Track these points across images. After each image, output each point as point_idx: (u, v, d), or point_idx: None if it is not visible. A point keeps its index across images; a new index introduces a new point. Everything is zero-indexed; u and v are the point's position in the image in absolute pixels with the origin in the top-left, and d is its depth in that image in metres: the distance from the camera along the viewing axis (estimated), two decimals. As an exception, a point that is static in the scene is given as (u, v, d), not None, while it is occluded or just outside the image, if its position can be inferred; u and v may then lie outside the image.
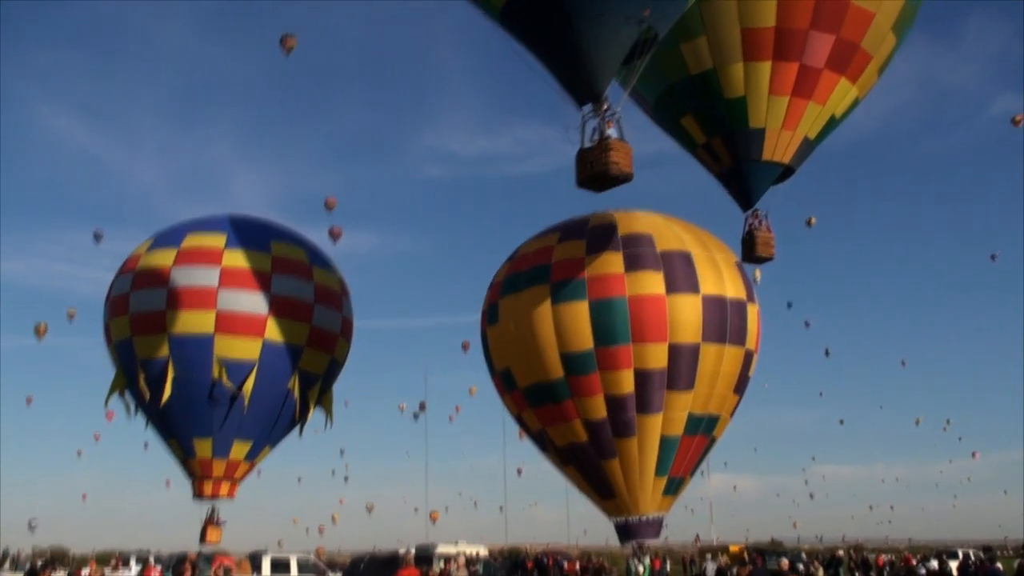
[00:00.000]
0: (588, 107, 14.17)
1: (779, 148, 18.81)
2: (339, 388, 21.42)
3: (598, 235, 17.69)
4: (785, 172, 19.39)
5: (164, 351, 18.74)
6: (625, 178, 14.14)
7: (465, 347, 47.72)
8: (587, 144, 14.18)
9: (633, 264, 17.18)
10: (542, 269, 17.62)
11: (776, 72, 18.15)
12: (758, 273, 42.85)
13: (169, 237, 19.87)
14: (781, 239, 18.56)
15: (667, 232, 17.74)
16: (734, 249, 18.90)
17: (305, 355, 19.62)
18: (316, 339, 19.79)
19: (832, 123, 19.25)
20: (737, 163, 19.06)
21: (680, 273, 17.21)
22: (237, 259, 19.21)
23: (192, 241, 19.53)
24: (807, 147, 19.18)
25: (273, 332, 19.03)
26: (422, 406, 60.42)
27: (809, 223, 46.61)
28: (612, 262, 17.20)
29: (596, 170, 13.98)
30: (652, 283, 16.99)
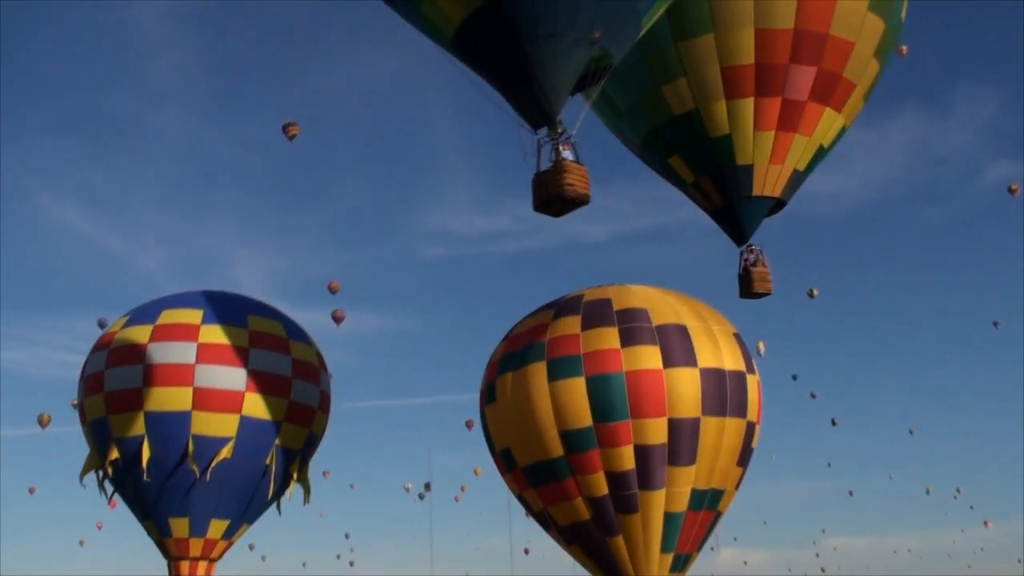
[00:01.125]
0: (544, 131, 13.99)
1: (769, 182, 18.66)
2: (341, 467, 21.31)
3: (593, 310, 17.66)
4: (777, 205, 19.24)
5: (140, 429, 18.63)
6: (581, 200, 13.88)
7: (469, 426, 47.28)
8: (543, 168, 14.00)
9: (629, 339, 17.13)
10: (538, 346, 17.62)
11: (759, 108, 18.00)
12: (761, 345, 42.77)
13: (145, 314, 19.74)
14: (782, 312, 18.39)
15: (663, 305, 17.68)
16: (732, 320, 18.88)
17: (283, 430, 19.48)
18: (294, 414, 19.71)
19: (821, 153, 19.08)
20: (728, 200, 18.94)
21: (677, 346, 17.15)
22: (214, 334, 19.13)
23: (168, 317, 19.41)
24: (797, 179, 19.03)
25: (251, 408, 18.94)
26: (427, 486, 59.69)
27: (811, 294, 46.26)
28: (608, 337, 17.17)
29: (551, 192, 13.77)
30: (649, 357, 16.96)
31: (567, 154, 13.76)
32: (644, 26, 14.37)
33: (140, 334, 19.16)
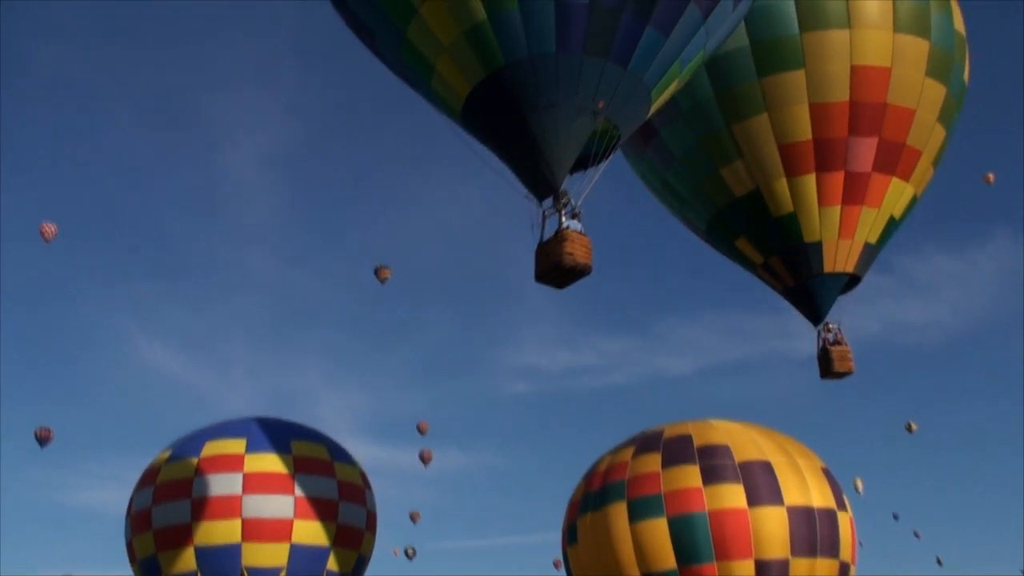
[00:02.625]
0: (548, 202, 13.82)
1: (840, 258, 18.10)
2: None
3: (673, 447, 17.21)
4: (852, 280, 18.57)
5: (191, 565, 18.43)
6: (581, 270, 13.53)
7: (556, 566, 45.80)
8: (546, 239, 13.76)
9: (711, 477, 16.58)
10: (617, 485, 17.18)
11: (822, 183, 17.68)
12: (859, 483, 40.92)
13: (188, 446, 19.75)
14: (879, 448, 17.56)
15: (745, 441, 17.16)
16: (822, 455, 18.15)
17: (333, 554, 19.18)
18: (343, 537, 19.42)
19: (893, 224, 18.50)
20: (799, 279, 18.39)
21: (762, 484, 16.47)
22: (259, 463, 19.07)
23: (212, 448, 19.40)
24: (870, 252, 18.41)
25: (300, 535, 18.71)
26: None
27: (910, 429, 44.65)
28: (689, 475, 16.66)
29: (551, 262, 13.47)
30: (733, 496, 16.32)
31: (573, 224, 13.55)
32: (655, 100, 14.30)
33: (185, 468, 19.16)
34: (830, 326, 18.58)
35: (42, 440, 31.59)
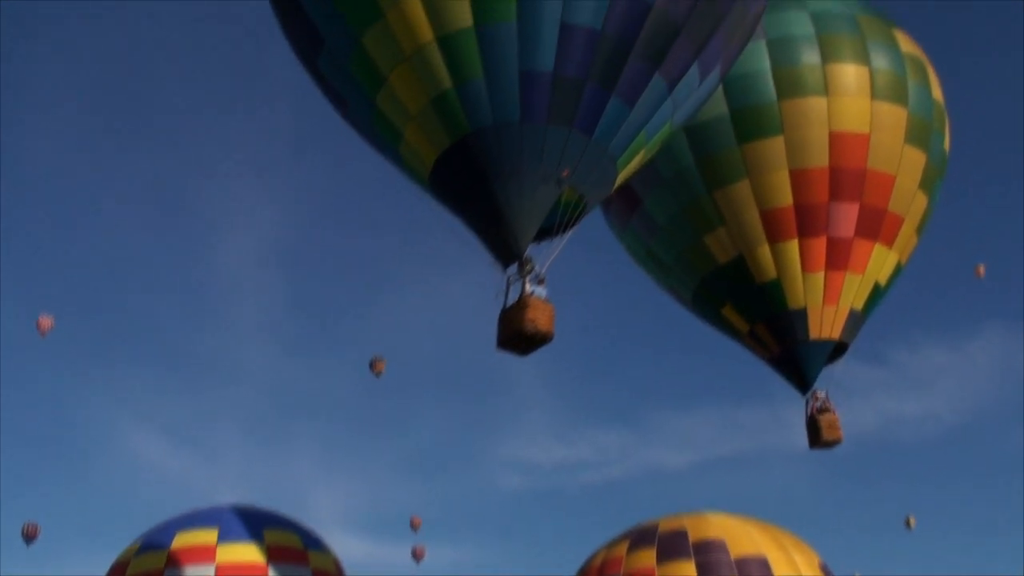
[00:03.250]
0: (513, 268, 13.73)
1: (825, 325, 17.89)
2: None
3: (668, 542, 17.02)
4: (839, 348, 18.32)
5: None
6: (542, 337, 13.34)
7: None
8: (509, 305, 13.62)
9: (707, 572, 16.38)
10: None
11: (805, 249, 17.60)
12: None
13: (158, 537, 19.25)
14: (877, 544, 17.28)
15: (741, 535, 16.97)
16: (820, 550, 17.85)
17: None
18: None
19: (878, 292, 18.30)
20: (785, 346, 18.18)
21: None
22: (231, 553, 18.64)
23: (183, 540, 18.96)
24: (856, 320, 18.19)
25: None
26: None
27: (908, 524, 43.75)
28: (684, 571, 16.48)
29: (513, 329, 13.31)
30: None
31: (538, 290, 13.47)
32: (621, 169, 14.29)
33: (156, 560, 18.66)
34: (818, 394, 18.29)
35: (29, 537, 30.95)
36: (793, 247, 17.59)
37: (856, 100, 17.45)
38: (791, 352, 18.11)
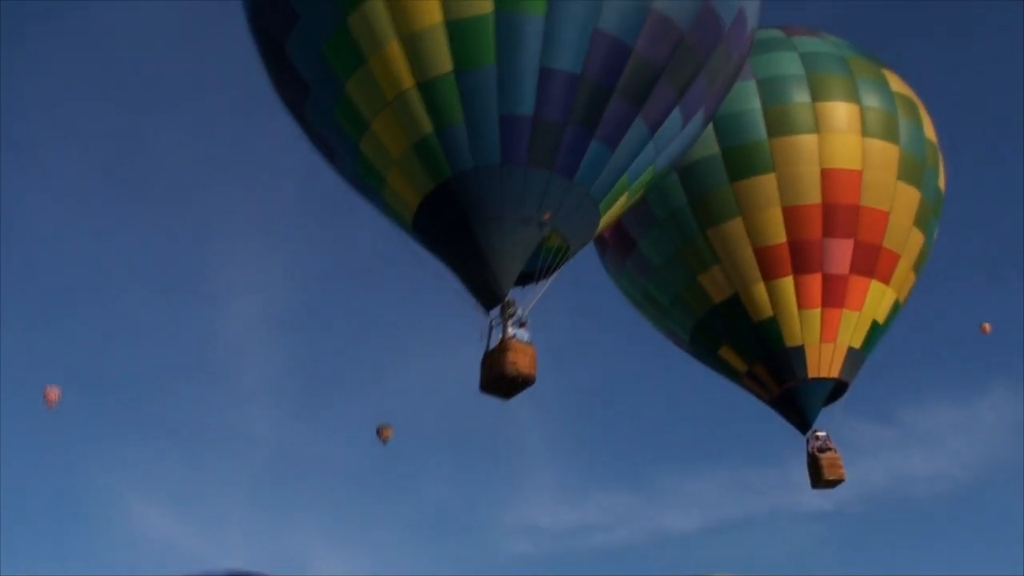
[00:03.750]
0: (496, 311, 13.71)
1: (823, 363, 17.69)
2: None
3: None
4: (839, 387, 18.07)
5: None
6: (524, 380, 13.28)
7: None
8: (491, 348, 13.58)
9: None
10: None
11: (800, 286, 17.48)
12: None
13: None
14: None
15: None
16: None
17: None
18: None
19: (876, 330, 18.07)
20: (784, 386, 17.96)
21: None
22: None
23: None
24: (855, 358, 17.94)
25: None
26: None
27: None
28: None
29: (495, 372, 13.25)
30: None
31: (520, 333, 13.44)
32: (604, 212, 14.28)
33: None
34: (818, 434, 18.01)
35: None
36: (788, 284, 17.47)
37: (847, 137, 17.45)
38: (790, 391, 17.89)
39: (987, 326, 30.98)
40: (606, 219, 14.51)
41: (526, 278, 14.03)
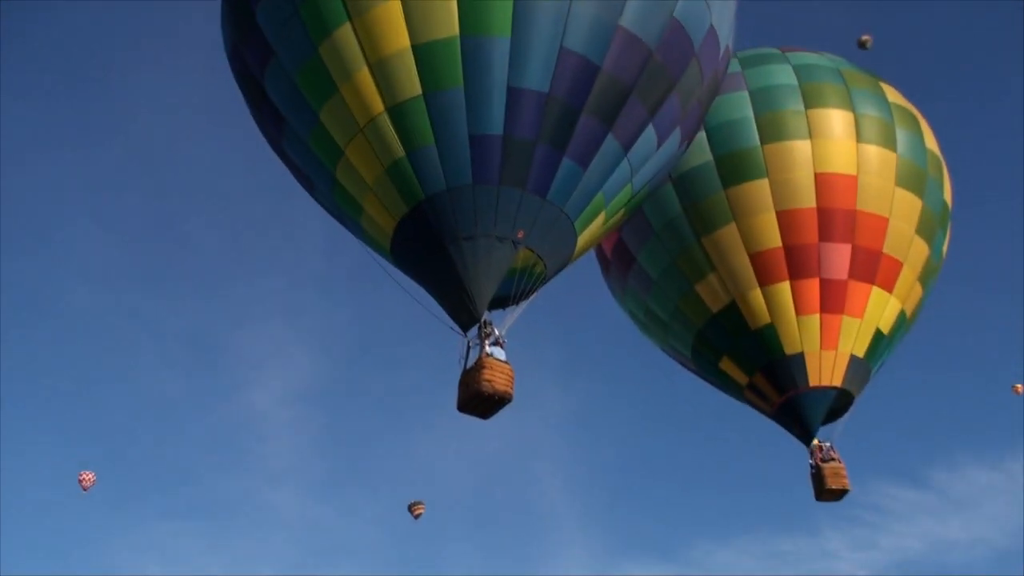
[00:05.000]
0: (473, 332, 13.73)
1: (824, 371, 17.39)
2: None
3: None
4: (843, 399, 17.71)
5: None
6: (500, 398, 13.22)
7: None
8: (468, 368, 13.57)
9: None
10: None
11: (797, 291, 17.22)
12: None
13: None
14: None
15: None
16: None
17: None
18: None
19: (881, 340, 17.64)
20: (785, 395, 17.69)
21: None
22: None
23: None
24: (860, 368, 17.57)
25: None
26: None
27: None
28: None
29: (471, 390, 13.23)
30: None
31: (496, 351, 13.46)
32: (580, 232, 14.21)
33: None
34: (822, 445, 17.69)
35: None
36: (785, 289, 17.23)
37: (841, 143, 17.18)
38: (791, 401, 17.60)
39: (1020, 387, 30.62)
40: (584, 239, 14.45)
41: (503, 301, 14.09)
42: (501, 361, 13.44)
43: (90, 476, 30.53)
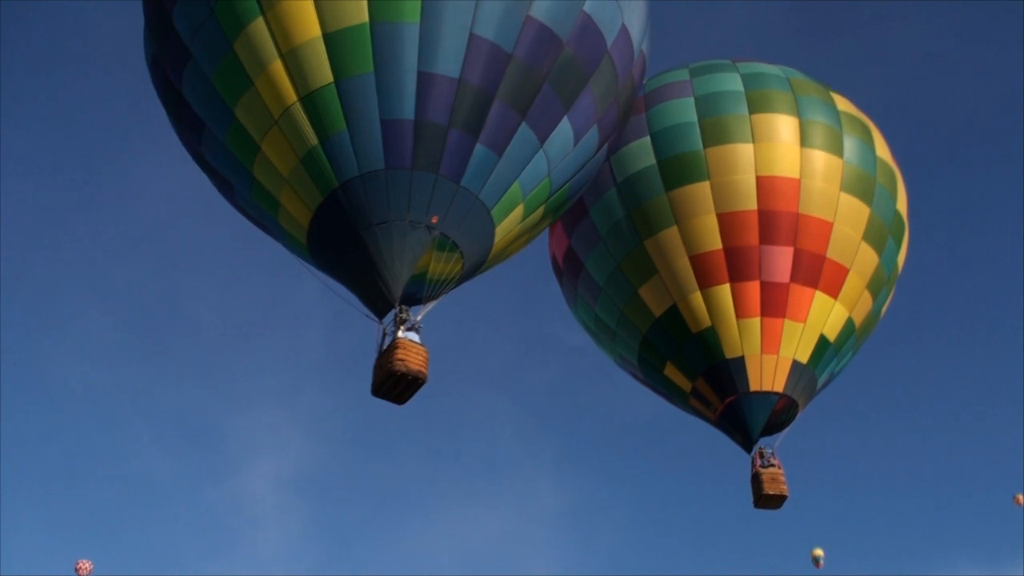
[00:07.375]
0: (389, 319, 13.66)
1: (766, 376, 17.09)
2: None
3: None
4: (788, 407, 17.36)
5: None
6: (415, 377, 13.12)
7: None
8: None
9: None
10: None
11: (737, 294, 17.02)
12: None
13: None
14: None
15: None
16: None
17: None
18: None
19: (826, 347, 17.29)
20: (726, 400, 17.40)
21: None
22: None
23: None
24: (803, 374, 17.22)
25: None
26: None
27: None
28: None
29: (384, 371, 13.14)
30: None
31: (411, 335, 13.40)
32: (499, 222, 14.17)
33: None
34: (763, 451, 17.34)
35: None
36: (725, 292, 17.04)
37: (785, 146, 17.06)
38: (732, 406, 17.30)
39: (1020, 497, 29.88)
40: (502, 231, 14.40)
41: (419, 299, 14.14)
42: (415, 343, 13.42)
43: (87, 565, 30.53)
